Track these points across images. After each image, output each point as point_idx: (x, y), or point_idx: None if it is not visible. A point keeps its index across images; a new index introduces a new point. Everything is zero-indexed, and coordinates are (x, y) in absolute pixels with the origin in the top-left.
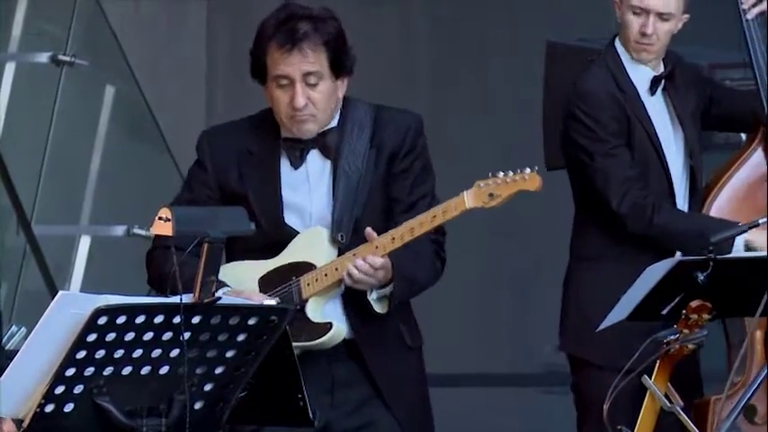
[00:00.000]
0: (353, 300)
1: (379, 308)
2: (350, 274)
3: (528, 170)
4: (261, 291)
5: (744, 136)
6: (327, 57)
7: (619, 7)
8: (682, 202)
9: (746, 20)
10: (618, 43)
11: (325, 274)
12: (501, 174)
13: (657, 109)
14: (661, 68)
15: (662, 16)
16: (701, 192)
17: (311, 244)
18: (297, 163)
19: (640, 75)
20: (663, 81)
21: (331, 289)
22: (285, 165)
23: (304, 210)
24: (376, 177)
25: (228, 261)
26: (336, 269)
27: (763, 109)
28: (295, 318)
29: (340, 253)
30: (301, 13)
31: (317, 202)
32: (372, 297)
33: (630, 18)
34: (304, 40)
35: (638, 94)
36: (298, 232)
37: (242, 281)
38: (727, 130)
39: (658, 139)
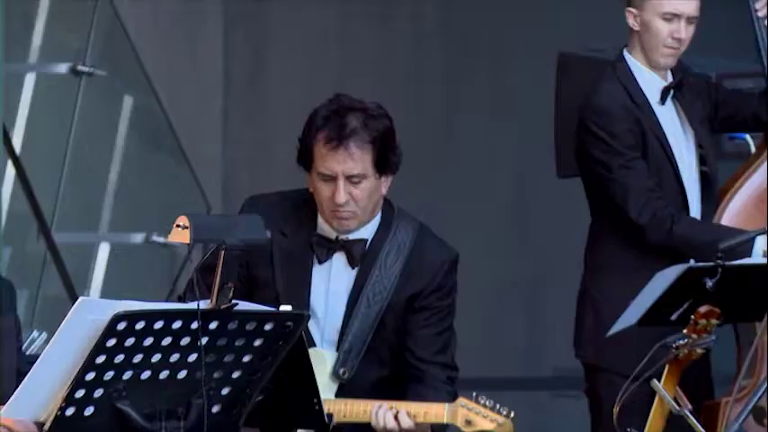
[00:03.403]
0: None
1: None
2: (380, 425)
3: (504, 412)
4: None
5: (752, 145)
6: (372, 156)
7: (637, 16)
8: (695, 209)
9: (759, 26)
10: (629, 55)
11: None
12: (483, 402)
13: (668, 118)
14: (669, 78)
15: (690, 20)
16: (716, 197)
17: (315, 367)
18: (322, 258)
19: (651, 85)
20: (672, 90)
21: None
22: (314, 260)
23: (318, 314)
24: (395, 310)
25: None
26: (328, 410)
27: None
28: None
29: (340, 388)
30: (353, 106)
31: (332, 308)
32: None
33: (660, 24)
34: (351, 137)
35: (649, 104)
36: (313, 341)
37: None
38: (733, 130)
39: (671, 148)
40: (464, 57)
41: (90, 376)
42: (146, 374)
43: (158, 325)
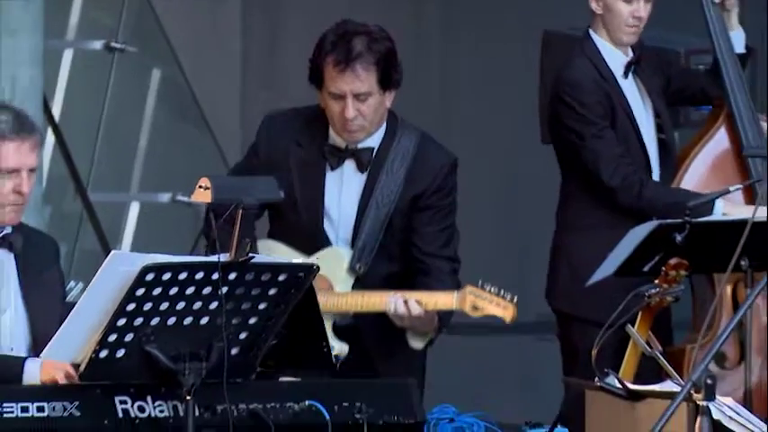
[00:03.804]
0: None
1: (415, 343)
2: (392, 312)
3: (508, 297)
4: None
5: None
6: (377, 75)
7: (599, 1)
8: (656, 173)
9: (707, 6)
10: (594, 33)
11: (337, 303)
12: (488, 289)
13: (631, 90)
14: (630, 54)
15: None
16: (673, 162)
17: (333, 263)
18: (334, 165)
19: (615, 60)
20: (633, 65)
21: (340, 313)
22: (327, 168)
23: (333, 215)
24: (402, 210)
25: (269, 236)
26: (347, 302)
27: (717, 88)
28: None
29: (357, 280)
30: (357, 30)
31: (344, 210)
32: (408, 333)
33: (621, 6)
34: (357, 59)
35: (615, 78)
36: (329, 241)
37: None
38: (684, 104)
39: (635, 117)
40: (463, 37)
41: (121, 322)
42: (171, 320)
43: (183, 276)
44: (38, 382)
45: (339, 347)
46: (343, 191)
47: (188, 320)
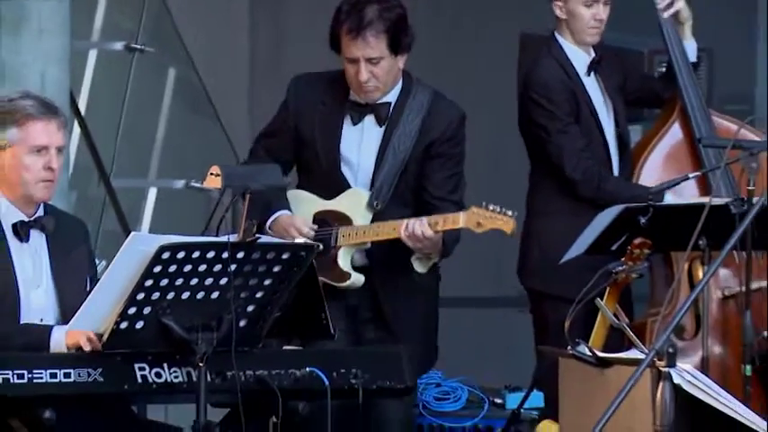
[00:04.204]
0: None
1: (418, 267)
2: (408, 231)
3: (509, 213)
4: (313, 223)
5: None
6: (387, 41)
7: (562, 7)
8: (615, 163)
9: (662, 18)
10: (559, 36)
11: (357, 233)
12: (491, 207)
13: (593, 87)
14: (592, 53)
15: (606, 2)
16: (630, 153)
17: (353, 202)
18: (356, 121)
19: (579, 60)
20: (595, 64)
21: (360, 245)
22: (347, 121)
23: (353, 162)
24: (416, 158)
25: (298, 188)
26: (365, 233)
27: (671, 89)
28: (327, 255)
29: (374, 216)
30: None
31: (364, 158)
32: (414, 257)
33: (583, 10)
34: (367, 28)
35: (579, 76)
36: (349, 185)
37: (300, 208)
38: (640, 105)
39: (597, 112)
40: (452, 28)
41: (140, 296)
42: (185, 295)
43: (196, 254)
44: (64, 348)
45: (355, 277)
46: (363, 141)
47: (200, 295)
